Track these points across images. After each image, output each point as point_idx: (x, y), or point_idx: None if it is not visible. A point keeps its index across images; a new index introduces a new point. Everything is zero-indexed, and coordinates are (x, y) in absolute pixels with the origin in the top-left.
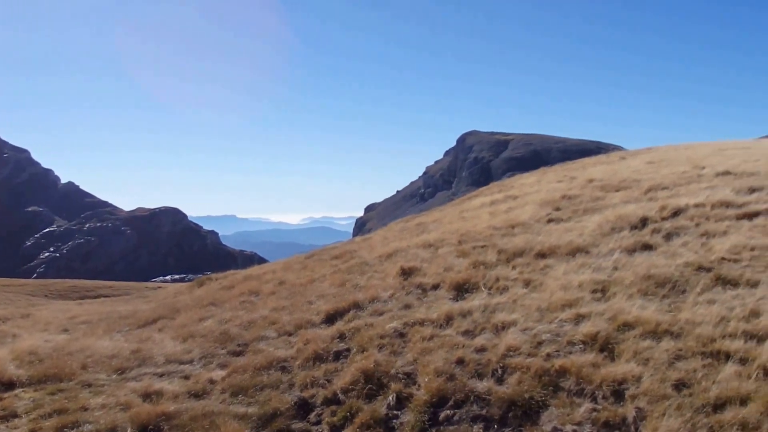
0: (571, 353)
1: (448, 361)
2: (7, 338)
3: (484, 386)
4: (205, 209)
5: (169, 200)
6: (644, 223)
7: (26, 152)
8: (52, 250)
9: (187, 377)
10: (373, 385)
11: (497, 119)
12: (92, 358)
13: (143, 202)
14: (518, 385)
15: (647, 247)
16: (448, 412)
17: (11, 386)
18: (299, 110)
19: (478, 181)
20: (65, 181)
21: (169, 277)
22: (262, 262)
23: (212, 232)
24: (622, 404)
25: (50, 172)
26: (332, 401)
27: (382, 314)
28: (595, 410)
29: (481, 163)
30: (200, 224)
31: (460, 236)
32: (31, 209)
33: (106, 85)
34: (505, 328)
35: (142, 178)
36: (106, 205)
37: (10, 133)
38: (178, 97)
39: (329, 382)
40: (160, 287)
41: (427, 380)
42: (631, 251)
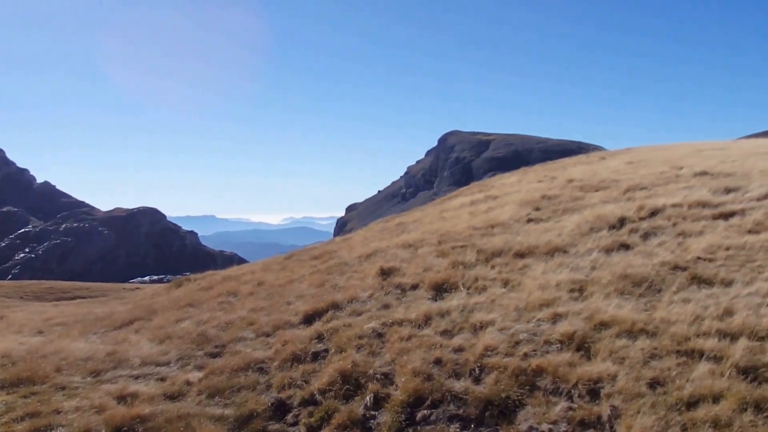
0: (548, 352)
1: (425, 361)
2: None
3: (461, 386)
4: (184, 209)
5: (147, 200)
6: (622, 223)
7: (0, 151)
8: (27, 251)
9: (163, 379)
10: (350, 385)
11: (479, 119)
12: (67, 360)
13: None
14: (495, 384)
15: (625, 246)
16: (425, 412)
17: None
18: (279, 110)
19: (459, 181)
20: (41, 180)
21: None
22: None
23: (191, 232)
24: (597, 403)
25: (25, 171)
26: (310, 402)
27: (360, 314)
28: (570, 409)
29: (462, 163)
30: (179, 224)
31: (440, 236)
32: (5, 209)
33: (81, 83)
34: (483, 327)
35: (119, 178)
36: (83, 205)
37: None
38: (155, 95)
39: (307, 382)
40: (138, 288)
41: (404, 380)
42: (608, 251)
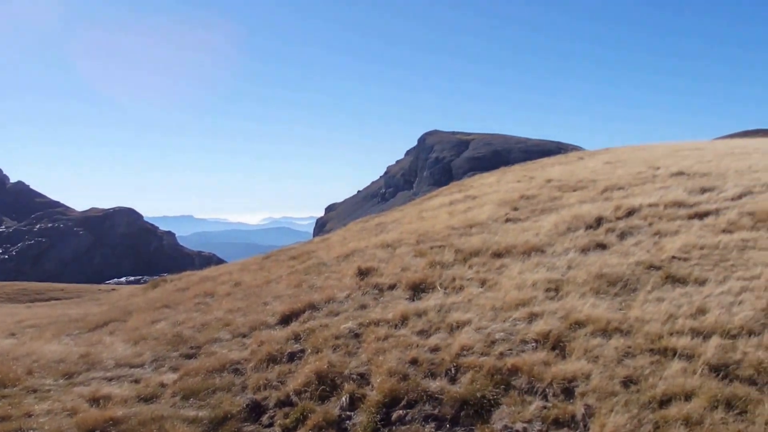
0: (523, 352)
1: (401, 361)
2: None
3: (437, 386)
4: (161, 209)
5: (123, 200)
6: (599, 222)
7: None
8: (0, 252)
9: (137, 381)
10: (326, 386)
11: (458, 119)
12: (39, 362)
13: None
14: (471, 384)
15: (601, 246)
16: (400, 412)
17: None
18: (259, 108)
19: (439, 180)
20: (14, 180)
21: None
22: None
23: (169, 232)
24: (571, 401)
25: None
26: (285, 403)
27: (337, 315)
28: (545, 408)
29: (442, 162)
30: (156, 225)
31: (418, 236)
32: None
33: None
34: (459, 327)
35: (95, 177)
36: (57, 205)
37: None
38: (128, 90)
39: (282, 383)
40: (114, 290)
41: (380, 380)
42: (585, 250)
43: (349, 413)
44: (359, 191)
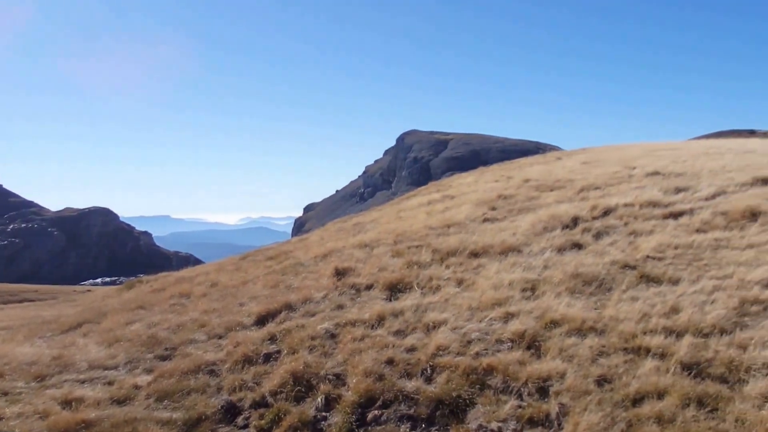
0: (499, 351)
1: (377, 361)
2: None
3: (412, 386)
4: (137, 209)
5: (99, 200)
6: (575, 222)
7: None
8: None
9: (110, 383)
10: (302, 386)
11: (437, 119)
12: (10, 365)
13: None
14: (446, 384)
15: (577, 245)
16: (376, 412)
17: None
18: (237, 107)
19: (417, 180)
20: None
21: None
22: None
23: (145, 233)
24: (546, 400)
25: None
26: (260, 404)
27: (314, 315)
28: (520, 407)
29: (420, 162)
30: (133, 225)
31: (396, 236)
32: None
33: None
34: (435, 327)
35: (70, 176)
36: (31, 205)
37: None
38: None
39: (258, 384)
40: (89, 291)
41: (356, 381)
42: (561, 250)
43: (324, 414)
44: (338, 191)
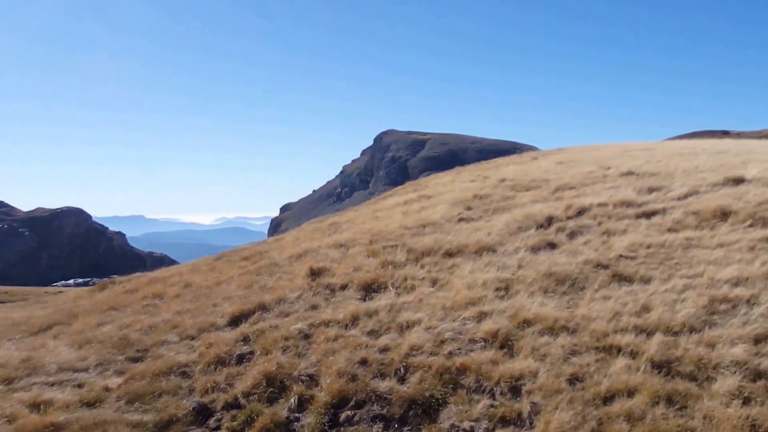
0: (472, 351)
1: (351, 361)
2: None
3: (386, 386)
4: (111, 209)
5: (71, 200)
6: (550, 222)
7: None
8: None
9: (80, 385)
10: (274, 387)
11: (414, 119)
12: None
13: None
14: (419, 383)
15: (551, 245)
16: (348, 412)
17: None
18: (212, 107)
19: (395, 180)
20: None
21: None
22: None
23: (119, 233)
24: (518, 399)
25: None
26: (233, 406)
27: (288, 316)
28: (492, 406)
29: (398, 162)
30: (106, 225)
31: (371, 236)
32: None
33: None
34: (409, 327)
35: (42, 176)
36: (1, 205)
37: None
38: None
39: (231, 386)
40: (60, 292)
41: (329, 381)
42: (535, 250)
43: (297, 415)
44: (315, 191)
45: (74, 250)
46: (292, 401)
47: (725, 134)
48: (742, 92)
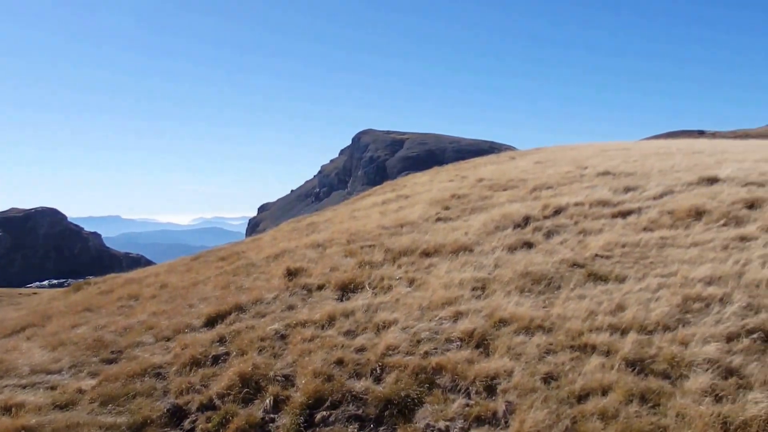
0: (448, 350)
1: (327, 361)
2: None
3: (361, 386)
4: (86, 209)
5: (46, 200)
6: (527, 221)
7: None
8: None
9: (53, 388)
10: (250, 388)
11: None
12: None
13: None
14: (395, 383)
15: (528, 244)
16: (324, 413)
17: None
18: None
19: (373, 180)
20: None
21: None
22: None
23: (95, 233)
24: (493, 398)
25: None
26: (208, 407)
27: (264, 316)
28: (467, 405)
29: (376, 162)
30: (81, 225)
31: (349, 236)
32: None
33: None
34: (386, 327)
35: (15, 175)
36: None
37: None
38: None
39: (206, 387)
40: (35, 293)
41: (305, 382)
42: (512, 249)
43: (272, 416)
44: (293, 190)
45: (49, 250)
46: (267, 402)
47: (701, 134)
48: (717, 93)
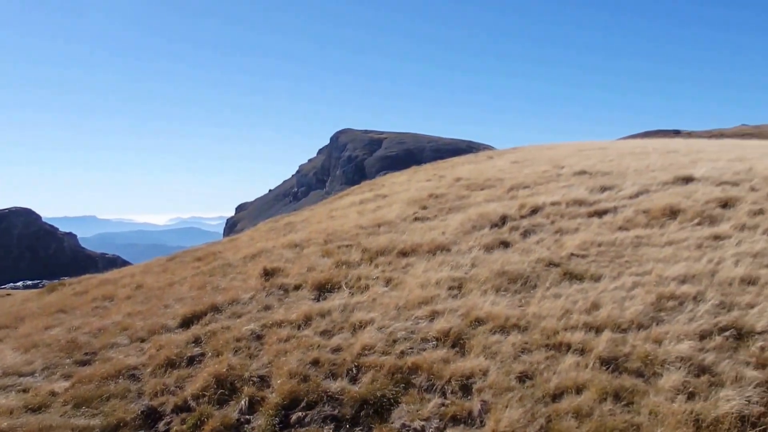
0: (424, 350)
1: (302, 362)
2: None
3: (337, 386)
4: (61, 209)
5: (20, 200)
6: (504, 221)
7: None
8: None
9: (25, 390)
10: (225, 389)
11: (371, 118)
12: None
13: None
14: (371, 383)
15: (505, 244)
16: (300, 413)
17: None
18: (165, 106)
19: (352, 179)
20: None
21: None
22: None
23: (70, 234)
24: (469, 398)
25: None
26: (183, 408)
27: (240, 316)
28: (443, 405)
29: (355, 161)
30: (56, 226)
31: (326, 236)
32: None
33: None
34: (362, 327)
35: None
36: None
37: None
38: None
39: (181, 388)
40: (8, 294)
41: (280, 382)
42: (489, 248)
43: (248, 417)
44: (271, 190)
45: (23, 251)
46: (242, 403)
47: (676, 134)
48: (693, 93)
